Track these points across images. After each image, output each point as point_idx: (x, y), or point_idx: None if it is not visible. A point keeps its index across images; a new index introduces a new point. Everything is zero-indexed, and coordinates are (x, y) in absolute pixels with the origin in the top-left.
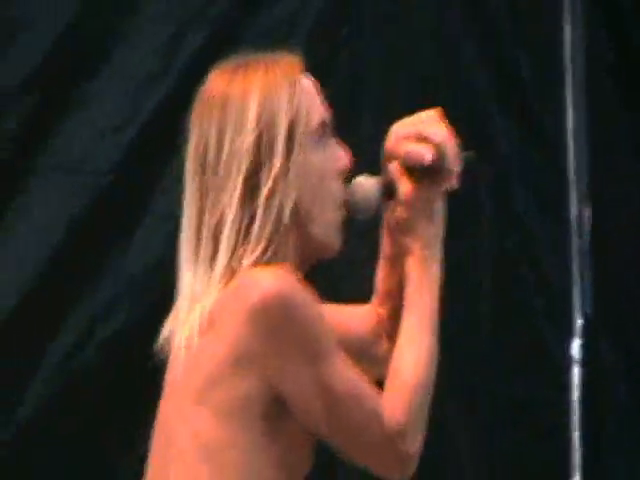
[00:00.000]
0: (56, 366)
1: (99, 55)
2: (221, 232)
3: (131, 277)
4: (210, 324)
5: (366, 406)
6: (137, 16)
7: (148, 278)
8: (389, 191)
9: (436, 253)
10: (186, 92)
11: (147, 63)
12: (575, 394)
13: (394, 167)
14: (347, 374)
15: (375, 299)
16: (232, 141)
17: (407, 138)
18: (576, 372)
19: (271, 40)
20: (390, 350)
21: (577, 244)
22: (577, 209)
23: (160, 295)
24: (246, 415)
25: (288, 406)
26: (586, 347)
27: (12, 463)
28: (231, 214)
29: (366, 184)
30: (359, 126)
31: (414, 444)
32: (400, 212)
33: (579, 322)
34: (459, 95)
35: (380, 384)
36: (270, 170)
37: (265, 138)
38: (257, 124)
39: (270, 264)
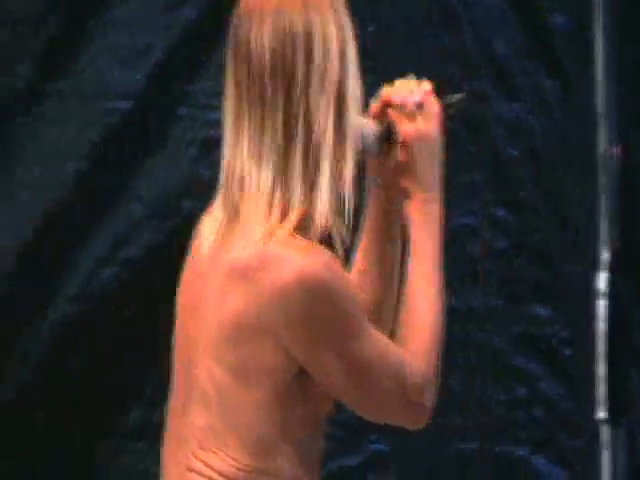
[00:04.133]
0: (77, 287)
1: None
2: (316, 159)
3: (152, 202)
4: (242, 276)
5: (391, 372)
6: None
7: (169, 203)
8: (389, 133)
9: (437, 194)
10: (210, 20)
11: None
12: (601, 326)
13: (392, 112)
14: (375, 344)
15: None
16: (322, 52)
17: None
18: (602, 305)
19: None
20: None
21: (604, 181)
22: (604, 146)
23: (182, 221)
24: (264, 379)
25: (312, 377)
26: (612, 281)
27: (30, 392)
28: (329, 137)
29: (366, 124)
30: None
31: (432, 396)
32: (400, 154)
33: (605, 255)
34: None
35: None
36: (350, 91)
37: (346, 55)
38: (338, 38)
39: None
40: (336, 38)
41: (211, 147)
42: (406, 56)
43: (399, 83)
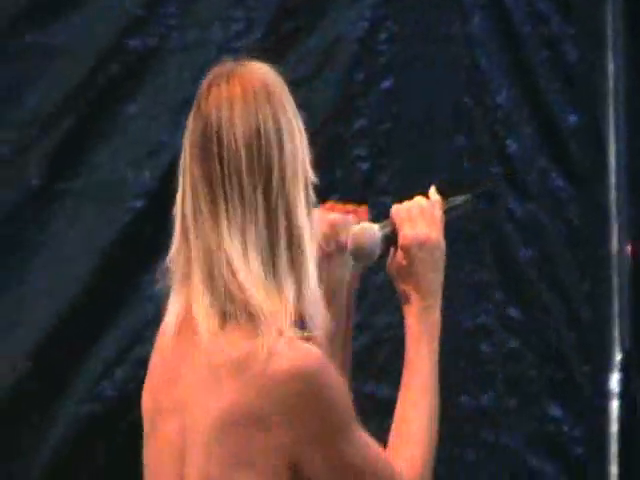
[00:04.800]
0: (89, 388)
1: (135, 80)
2: (299, 249)
3: (161, 303)
4: (237, 369)
5: (384, 478)
6: (173, 42)
7: None
8: (391, 238)
9: (436, 301)
10: None
11: (184, 88)
12: (614, 427)
13: (395, 215)
14: (365, 449)
15: None
16: (290, 146)
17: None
18: (615, 406)
19: (307, 70)
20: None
21: (617, 281)
22: (617, 245)
23: None
24: (256, 470)
25: (304, 472)
26: (624, 381)
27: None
28: (305, 223)
29: (369, 229)
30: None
31: None
32: (400, 259)
33: (618, 356)
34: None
35: None
36: (309, 183)
37: (304, 147)
38: (299, 130)
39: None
40: (297, 129)
41: None
42: (421, 154)
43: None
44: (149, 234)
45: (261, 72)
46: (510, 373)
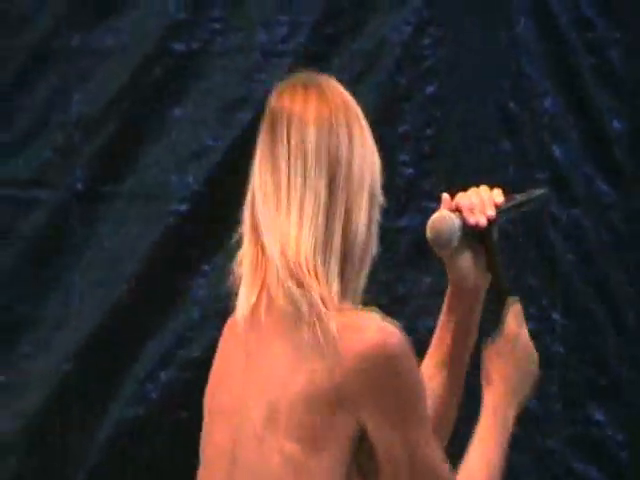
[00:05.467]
0: (134, 390)
1: (180, 83)
2: (352, 252)
3: (209, 304)
4: (314, 349)
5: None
6: (218, 45)
7: (223, 307)
8: (466, 227)
9: (518, 402)
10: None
11: (228, 92)
12: None
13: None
14: (433, 445)
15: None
16: (362, 155)
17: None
18: None
19: (351, 74)
20: None
21: None
22: None
23: None
24: (334, 449)
25: (372, 448)
26: None
27: None
28: (364, 233)
29: (448, 217)
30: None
31: None
32: (501, 344)
33: None
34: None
35: None
36: (378, 192)
37: (375, 157)
38: (371, 140)
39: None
40: (370, 138)
41: None
42: (466, 159)
43: (472, 191)
44: (194, 237)
45: (338, 86)
46: (555, 378)
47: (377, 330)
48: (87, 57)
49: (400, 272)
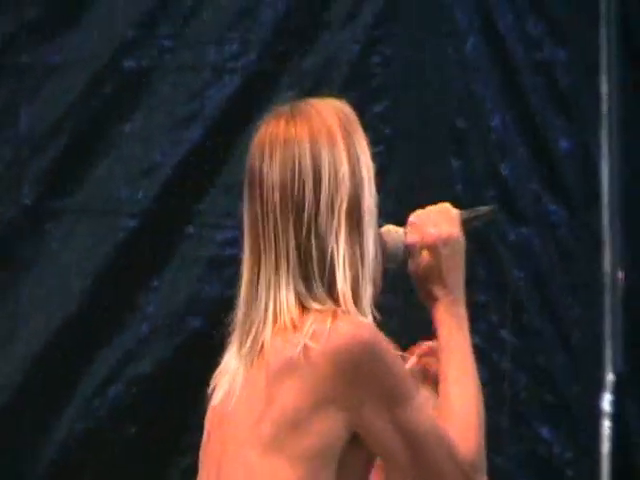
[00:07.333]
0: (84, 405)
1: (130, 99)
2: (332, 272)
3: (158, 320)
4: (289, 367)
5: (444, 446)
6: (168, 62)
7: (175, 321)
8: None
9: (461, 296)
10: (215, 139)
11: (178, 108)
12: (605, 449)
13: (415, 217)
14: (425, 416)
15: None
16: (330, 178)
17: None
18: (606, 427)
19: (301, 91)
20: None
21: (609, 303)
22: (610, 269)
23: (187, 337)
24: (322, 458)
25: (366, 443)
26: (616, 403)
27: None
28: (341, 253)
29: (393, 231)
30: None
31: (484, 476)
32: (425, 257)
33: (610, 377)
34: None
35: None
36: (363, 206)
37: (356, 175)
38: (348, 160)
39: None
40: (346, 159)
41: (217, 265)
42: (415, 177)
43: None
44: (143, 253)
45: (315, 111)
46: (503, 395)
47: (343, 330)
48: (36, 73)
49: None
